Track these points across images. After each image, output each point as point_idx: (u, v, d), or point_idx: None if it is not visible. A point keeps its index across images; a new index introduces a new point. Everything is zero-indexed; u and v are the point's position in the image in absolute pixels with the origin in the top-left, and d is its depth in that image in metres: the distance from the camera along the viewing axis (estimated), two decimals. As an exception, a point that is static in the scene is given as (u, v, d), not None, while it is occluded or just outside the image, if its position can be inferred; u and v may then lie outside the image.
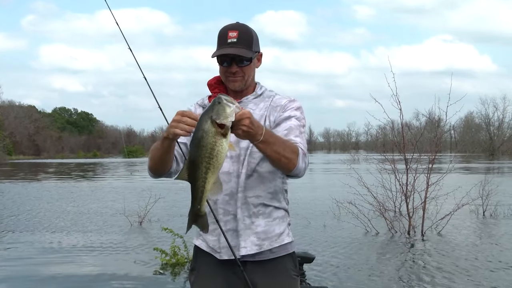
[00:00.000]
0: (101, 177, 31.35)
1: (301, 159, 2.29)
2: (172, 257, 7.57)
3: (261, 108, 2.48)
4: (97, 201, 16.79)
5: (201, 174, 1.98)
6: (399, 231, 10.34)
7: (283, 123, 2.41)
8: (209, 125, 1.94)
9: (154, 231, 10.75)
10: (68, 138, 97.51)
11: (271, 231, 2.45)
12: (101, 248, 9.09)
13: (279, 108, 2.46)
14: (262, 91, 2.55)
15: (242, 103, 2.48)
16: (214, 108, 1.94)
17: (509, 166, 43.10)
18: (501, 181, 20.41)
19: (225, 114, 1.93)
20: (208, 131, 1.94)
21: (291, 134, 2.36)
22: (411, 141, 11.30)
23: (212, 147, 1.95)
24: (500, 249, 8.93)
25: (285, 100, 2.49)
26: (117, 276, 7.19)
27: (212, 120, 1.93)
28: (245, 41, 2.41)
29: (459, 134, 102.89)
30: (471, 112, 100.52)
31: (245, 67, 2.44)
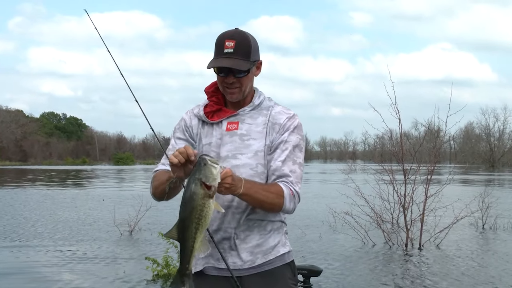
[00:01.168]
0: (89, 185, 31.28)
1: (287, 202, 2.38)
2: (164, 268, 7.56)
3: (259, 124, 2.48)
4: (84, 209, 16.74)
5: (191, 234, 2.11)
6: (397, 244, 10.38)
7: (279, 150, 2.43)
8: (198, 188, 2.07)
9: (145, 240, 10.75)
10: (56, 144, 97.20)
11: (265, 245, 2.46)
12: (89, 258, 9.06)
13: (278, 128, 2.46)
14: (260, 100, 2.53)
15: (239, 115, 2.49)
16: (201, 170, 2.06)
17: (510, 178, 43.29)
18: (501, 194, 20.53)
19: (212, 176, 2.06)
20: (198, 193, 2.07)
21: (285, 166, 2.42)
22: (409, 152, 11.36)
23: (201, 209, 2.08)
24: (500, 263, 8.98)
25: (285, 117, 2.49)
26: (104, 285, 7.16)
27: (201, 183, 2.06)
28: (242, 52, 2.40)
29: (459, 144, 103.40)
30: (471, 122, 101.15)
31: (242, 78, 2.44)
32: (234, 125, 2.48)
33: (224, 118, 2.50)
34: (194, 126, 2.58)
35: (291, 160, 2.43)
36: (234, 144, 2.45)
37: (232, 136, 2.46)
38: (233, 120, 2.49)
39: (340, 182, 12.48)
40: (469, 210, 11.15)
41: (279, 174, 2.41)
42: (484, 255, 9.69)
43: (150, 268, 7.60)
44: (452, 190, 20.26)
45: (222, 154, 2.45)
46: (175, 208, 9.26)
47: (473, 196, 12.52)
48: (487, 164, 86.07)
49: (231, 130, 2.47)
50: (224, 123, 2.49)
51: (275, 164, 2.42)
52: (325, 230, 12.08)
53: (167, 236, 2.20)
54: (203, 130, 2.55)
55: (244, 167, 2.42)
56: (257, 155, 2.44)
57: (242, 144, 2.45)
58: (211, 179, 2.05)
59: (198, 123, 2.57)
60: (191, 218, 2.08)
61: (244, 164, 2.43)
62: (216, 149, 2.47)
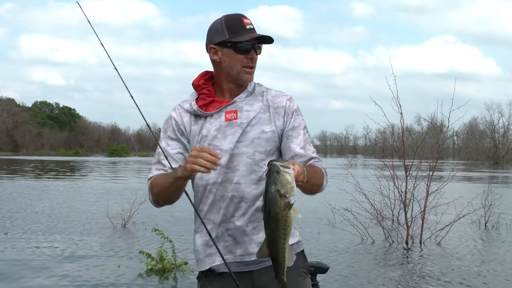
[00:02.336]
0: (82, 177, 31.30)
1: (325, 180, 2.43)
2: (159, 262, 7.61)
3: (257, 110, 2.47)
4: (77, 202, 16.78)
5: (281, 246, 2.14)
6: (397, 241, 10.44)
7: (294, 139, 2.45)
8: (278, 199, 2.07)
9: (139, 234, 10.80)
10: (48, 134, 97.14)
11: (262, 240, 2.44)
12: (81, 251, 9.11)
13: (282, 112, 2.48)
14: (252, 86, 2.54)
15: (236, 103, 2.48)
16: (277, 179, 2.05)
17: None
18: (504, 192, 20.57)
19: (290, 185, 2.06)
20: (280, 205, 2.07)
21: (307, 150, 2.45)
22: (411, 147, 11.40)
23: (285, 219, 2.09)
24: (502, 262, 9.04)
25: (284, 99, 2.51)
26: (98, 282, 7.18)
27: (280, 194, 2.06)
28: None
29: (463, 140, 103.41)
30: (475, 118, 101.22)
31: (257, 58, 2.49)
32: (233, 114, 2.46)
33: (221, 108, 2.47)
34: (186, 123, 2.51)
35: (308, 143, 2.48)
36: (236, 135, 2.43)
37: (233, 127, 2.44)
38: (231, 109, 2.47)
39: (339, 177, 12.49)
40: (472, 207, 11.21)
41: (307, 158, 2.43)
42: (485, 254, 9.75)
43: (144, 262, 7.64)
44: (455, 187, 20.31)
45: (225, 147, 2.43)
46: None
47: (475, 194, 12.57)
48: (491, 161, 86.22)
49: (230, 120, 2.45)
50: (222, 113, 2.47)
51: (298, 151, 2.43)
52: (324, 226, 12.13)
53: (260, 256, 2.21)
54: (197, 126, 2.49)
55: (241, 156, 2.42)
56: (254, 142, 2.43)
57: (241, 133, 2.44)
58: (289, 188, 2.05)
59: (190, 119, 2.51)
60: (278, 231, 2.10)
61: (241, 153, 2.42)
62: (212, 141, 2.44)
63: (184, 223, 12.34)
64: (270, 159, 2.39)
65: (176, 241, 9.44)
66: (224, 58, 2.45)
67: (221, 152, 2.39)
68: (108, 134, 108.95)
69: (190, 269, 7.74)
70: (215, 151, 2.17)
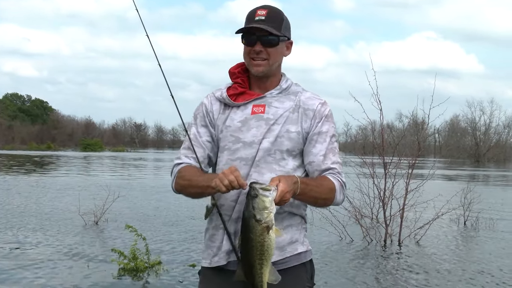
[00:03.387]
0: (54, 172, 30.98)
1: (338, 194, 2.43)
2: (131, 261, 7.54)
3: (287, 108, 2.46)
4: (48, 198, 16.57)
5: (257, 272, 2.13)
6: (375, 239, 10.52)
7: (318, 144, 2.45)
8: (254, 224, 2.06)
9: (112, 231, 10.72)
10: (19, 127, 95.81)
11: (281, 240, 2.38)
12: (49, 250, 8.98)
13: (311, 114, 2.46)
14: (287, 84, 2.52)
15: (266, 98, 2.47)
16: (254, 204, 2.04)
17: (495, 174, 44.02)
18: (484, 190, 20.88)
19: (266, 211, 2.04)
20: (255, 231, 2.06)
21: (327, 159, 2.44)
22: (390, 144, 11.48)
23: (261, 244, 2.08)
24: (480, 261, 9.16)
25: (317, 102, 2.49)
26: (65, 282, 7.07)
27: (256, 219, 2.04)
28: (274, 21, 2.43)
29: (444, 138, 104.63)
30: (457, 115, 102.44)
31: (270, 49, 2.43)
32: (261, 108, 2.45)
33: (250, 101, 2.47)
34: (215, 111, 2.54)
35: (331, 152, 2.46)
36: (260, 129, 2.43)
37: (258, 120, 2.44)
38: (260, 103, 2.47)
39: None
40: (451, 206, 11.34)
41: (324, 168, 2.44)
42: (464, 253, 9.88)
43: (116, 261, 7.58)
44: (434, 185, 20.53)
45: (247, 140, 2.42)
46: (144, 199, 9.29)
47: (455, 192, 12.71)
48: (472, 159, 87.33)
49: (257, 113, 2.45)
50: (250, 106, 2.47)
51: (316, 159, 2.44)
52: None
53: (237, 279, 2.23)
54: (224, 115, 2.51)
55: (262, 152, 2.41)
56: (277, 141, 2.42)
57: (266, 129, 2.42)
58: (266, 214, 2.03)
59: (220, 107, 2.53)
60: (253, 256, 2.09)
61: (263, 148, 2.41)
62: (235, 133, 2.45)
63: (160, 220, 12.29)
64: (292, 159, 2.44)
65: (150, 240, 9.42)
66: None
67: (243, 145, 2.42)
68: (82, 128, 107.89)
69: (164, 268, 7.71)
70: (242, 181, 2.19)
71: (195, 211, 13.72)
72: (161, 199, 16.48)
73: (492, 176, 40.90)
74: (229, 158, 2.46)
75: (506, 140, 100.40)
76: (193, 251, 9.06)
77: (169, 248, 9.25)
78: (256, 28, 2.40)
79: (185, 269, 7.86)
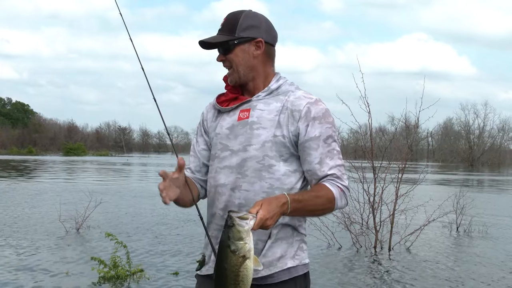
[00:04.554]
0: (34, 177, 30.79)
1: (339, 201, 2.36)
2: (112, 269, 7.51)
3: (272, 111, 2.40)
4: (27, 204, 16.45)
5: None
6: (365, 246, 10.53)
7: (311, 151, 2.37)
8: (229, 255, 2.02)
9: (93, 239, 10.66)
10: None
11: (270, 254, 2.38)
12: (28, 258, 8.91)
13: (297, 116, 2.37)
14: (278, 84, 2.46)
15: (252, 102, 2.44)
16: (230, 234, 2.00)
17: (489, 179, 44.29)
18: (477, 195, 20.99)
19: (242, 242, 2.00)
20: (230, 262, 2.02)
21: (323, 166, 2.36)
22: (380, 148, 11.52)
23: (236, 275, 2.03)
24: (472, 268, 9.20)
25: (305, 102, 2.39)
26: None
27: (231, 250, 2.01)
28: (227, 27, 2.43)
29: (437, 141, 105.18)
30: (450, 118, 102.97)
31: (229, 55, 2.43)
32: (246, 113, 2.43)
33: (237, 105, 2.46)
34: (209, 118, 2.58)
35: (328, 156, 2.37)
36: (245, 135, 2.41)
37: (244, 127, 2.42)
38: (246, 108, 2.45)
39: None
40: (442, 211, 11.38)
41: (321, 176, 2.36)
42: (456, 260, 9.90)
43: (96, 269, 7.53)
44: (426, 190, 20.63)
45: (235, 148, 2.41)
46: (127, 205, 9.28)
47: (447, 197, 12.77)
48: (466, 163, 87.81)
49: (242, 118, 2.43)
50: (237, 111, 2.46)
51: (312, 167, 2.37)
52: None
53: None
54: (215, 122, 2.53)
55: (250, 160, 2.38)
56: (264, 146, 2.37)
57: (251, 134, 2.39)
58: (240, 245, 1.99)
59: (214, 115, 2.56)
60: (228, 287, 2.05)
61: (250, 157, 2.38)
62: (223, 141, 2.45)
63: (144, 227, 12.24)
64: (283, 164, 2.39)
65: (133, 247, 9.39)
66: None
67: (231, 153, 2.41)
68: (64, 132, 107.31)
69: (146, 276, 7.68)
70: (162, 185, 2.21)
71: (179, 218, 13.69)
72: (145, 205, 16.41)
73: (486, 180, 41.15)
74: (218, 166, 2.46)
75: (501, 144, 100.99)
76: (176, 259, 9.03)
77: (151, 256, 9.21)
78: (213, 39, 2.44)
79: (167, 277, 7.83)
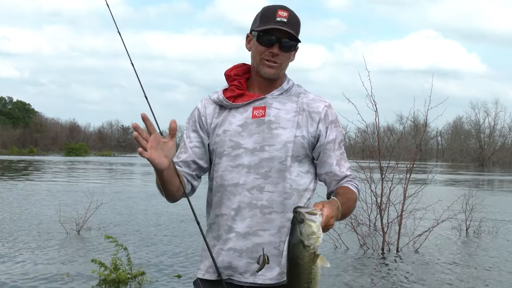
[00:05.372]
0: (36, 178, 30.86)
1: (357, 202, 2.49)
2: (113, 272, 7.50)
3: (289, 111, 2.44)
4: (28, 205, 16.49)
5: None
6: (372, 248, 10.49)
7: (331, 153, 2.46)
8: (302, 251, 2.01)
9: (94, 241, 10.66)
10: (0, 131, 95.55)
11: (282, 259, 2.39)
12: (28, 260, 8.93)
13: (317, 118, 2.45)
14: (289, 85, 2.51)
15: (266, 99, 2.45)
16: (301, 229, 2.00)
17: (500, 179, 44.16)
18: (487, 195, 20.92)
19: (315, 237, 2.00)
20: (302, 258, 2.02)
21: (342, 167, 2.47)
22: (387, 148, 11.48)
23: (309, 272, 2.03)
24: (482, 271, 9.15)
25: (322, 105, 2.48)
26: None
27: (304, 245, 2.00)
28: (295, 26, 2.43)
29: (447, 141, 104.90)
30: (460, 117, 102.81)
31: (286, 53, 2.44)
32: (261, 111, 2.42)
33: (250, 102, 2.44)
34: (208, 114, 2.51)
35: (343, 158, 2.49)
36: (262, 134, 2.39)
37: (260, 125, 2.40)
38: (259, 105, 2.44)
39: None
40: (451, 212, 11.33)
41: (342, 177, 2.46)
42: (465, 262, 9.86)
43: (97, 272, 7.52)
44: (435, 190, 20.58)
45: (249, 146, 2.39)
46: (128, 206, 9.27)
47: (456, 197, 12.71)
48: (477, 163, 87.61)
49: (257, 116, 2.42)
50: (249, 108, 2.44)
51: (333, 168, 2.46)
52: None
53: None
54: (220, 118, 2.48)
55: (272, 161, 2.38)
56: (286, 147, 2.39)
57: (269, 134, 2.39)
58: (314, 239, 2.00)
59: (214, 110, 2.50)
60: (301, 285, 2.04)
61: (272, 157, 2.38)
62: (234, 138, 2.42)
63: (145, 229, 12.24)
64: (297, 165, 2.42)
65: (134, 249, 9.38)
66: (252, 48, 2.48)
67: (245, 151, 2.39)
68: (66, 132, 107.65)
69: (148, 279, 7.67)
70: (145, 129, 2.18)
71: (181, 219, 13.68)
72: (147, 207, 16.42)
73: (496, 180, 41.02)
74: (229, 164, 2.42)
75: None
76: (178, 261, 9.01)
77: (153, 258, 9.20)
78: (277, 29, 2.39)
79: (170, 280, 7.81)
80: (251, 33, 2.48)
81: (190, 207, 2.45)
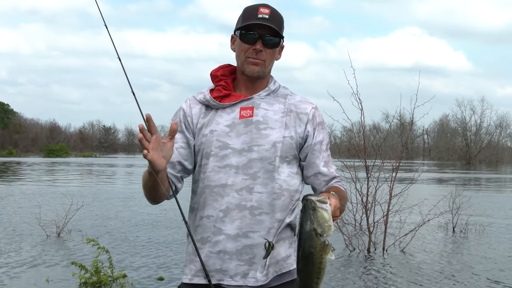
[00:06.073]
0: (14, 179, 30.61)
1: None
2: (94, 275, 7.45)
3: (277, 112, 2.46)
4: (6, 208, 16.36)
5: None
6: (358, 248, 10.53)
7: (319, 154, 2.50)
8: (314, 240, 2.01)
9: (75, 244, 10.59)
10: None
11: (275, 255, 2.41)
12: (6, 263, 8.86)
13: (305, 119, 2.49)
14: (276, 86, 2.54)
15: (253, 99, 2.46)
16: (313, 217, 2.00)
17: (487, 177, 44.50)
18: (474, 194, 21.06)
19: (327, 224, 2.00)
20: (315, 247, 2.01)
21: (330, 168, 2.52)
22: (373, 146, 11.52)
23: (320, 261, 2.03)
24: (469, 270, 9.21)
25: (310, 107, 2.53)
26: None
27: (317, 233, 2.00)
28: (277, 22, 2.45)
29: (433, 139, 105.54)
30: (447, 115, 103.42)
31: (270, 50, 2.45)
32: (249, 111, 2.44)
33: (237, 102, 2.45)
34: (194, 115, 2.50)
35: (330, 160, 2.54)
36: (250, 135, 2.40)
37: (247, 125, 2.41)
38: (247, 105, 2.45)
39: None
40: (438, 211, 11.39)
41: (331, 177, 2.50)
42: (452, 261, 9.91)
43: (77, 274, 7.47)
44: (422, 189, 20.71)
45: (237, 146, 2.39)
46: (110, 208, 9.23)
47: (443, 196, 12.79)
48: (463, 161, 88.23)
49: (245, 117, 2.42)
50: (236, 109, 2.45)
51: (320, 169, 2.49)
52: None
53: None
54: (206, 118, 2.48)
55: (261, 161, 2.38)
56: (275, 147, 2.40)
57: (258, 134, 2.40)
58: (327, 227, 1.99)
59: (200, 110, 2.50)
60: (312, 275, 2.05)
61: (261, 157, 2.39)
62: (222, 138, 2.41)
63: (127, 231, 12.18)
64: (287, 166, 2.43)
65: (115, 251, 9.33)
66: (236, 48, 2.50)
67: (233, 151, 2.39)
68: (46, 132, 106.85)
69: (129, 281, 7.64)
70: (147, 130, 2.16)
71: (163, 221, 13.64)
72: (128, 208, 16.34)
73: (483, 179, 41.32)
74: (216, 165, 2.41)
75: (498, 141, 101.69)
76: (161, 264, 8.98)
77: (135, 261, 9.16)
78: (259, 26, 2.41)
79: (152, 282, 7.79)
80: (235, 34, 2.49)
81: (177, 208, 2.42)
